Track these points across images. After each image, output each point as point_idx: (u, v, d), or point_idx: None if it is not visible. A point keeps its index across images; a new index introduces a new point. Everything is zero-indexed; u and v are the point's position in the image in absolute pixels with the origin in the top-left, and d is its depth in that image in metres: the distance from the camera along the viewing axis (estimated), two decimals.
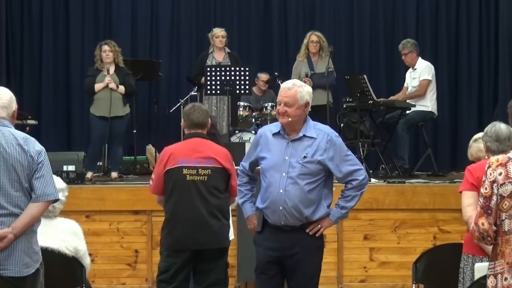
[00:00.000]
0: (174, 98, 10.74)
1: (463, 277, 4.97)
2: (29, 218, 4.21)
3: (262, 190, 4.90)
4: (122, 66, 9.24)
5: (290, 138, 4.87)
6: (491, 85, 11.15)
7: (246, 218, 5.06)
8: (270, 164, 4.86)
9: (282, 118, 4.86)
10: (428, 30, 11.33)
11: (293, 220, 4.83)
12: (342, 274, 7.96)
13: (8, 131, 4.26)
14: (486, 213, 3.65)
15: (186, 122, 5.62)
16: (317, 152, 4.84)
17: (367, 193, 7.92)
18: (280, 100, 4.88)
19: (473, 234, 3.72)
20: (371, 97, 9.19)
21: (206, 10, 11.53)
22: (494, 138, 4.92)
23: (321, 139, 4.88)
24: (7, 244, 4.15)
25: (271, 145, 4.90)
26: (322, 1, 11.52)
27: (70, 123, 11.25)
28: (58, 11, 11.35)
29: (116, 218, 7.93)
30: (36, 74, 11.30)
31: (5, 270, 4.18)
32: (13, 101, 4.38)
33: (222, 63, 9.69)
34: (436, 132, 11.11)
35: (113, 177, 9.14)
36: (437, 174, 9.42)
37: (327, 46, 9.73)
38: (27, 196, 4.24)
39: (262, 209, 4.90)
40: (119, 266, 7.95)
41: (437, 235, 7.91)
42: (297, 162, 4.81)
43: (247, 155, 5.14)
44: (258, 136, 5.04)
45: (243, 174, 5.11)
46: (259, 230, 4.94)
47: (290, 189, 4.78)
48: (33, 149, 4.24)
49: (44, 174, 4.25)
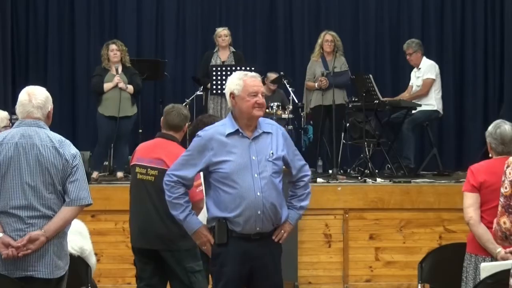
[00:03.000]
0: (180, 98, 10.72)
1: (466, 276, 4.99)
2: (62, 222, 4.23)
3: (228, 197, 4.36)
4: (129, 66, 9.26)
5: (250, 136, 4.45)
6: (497, 85, 11.13)
7: (194, 232, 4.46)
8: (236, 167, 4.35)
9: (259, 111, 4.45)
10: (433, 29, 11.31)
11: (268, 225, 4.42)
12: (347, 274, 7.95)
13: (44, 133, 4.26)
14: (507, 212, 3.63)
15: (162, 121, 5.62)
16: (279, 147, 4.48)
17: (373, 192, 8.02)
18: (256, 90, 4.46)
19: (496, 234, 3.69)
20: (377, 97, 9.19)
21: (211, 10, 11.53)
22: (499, 141, 4.94)
23: (276, 133, 4.52)
24: (39, 246, 4.17)
25: (230, 146, 4.39)
26: (328, 1, 11.51)
27: (76, 123, 11.26)
28: (64, 11, 11.37)
29: (121, 218, 7.91)
30: (41, 74, 11.31)
31: (36, 271, 4.20)
32: (48, 101, 4.36)
33: (226, 62, 9.69)
34: (441, 131, 11.10)
35: (119, 176, 9.15)
36: (443, 174, 9.40)
37: (341, 45, 9.70)
38: (60, 199, 4.25)
39: (228, 218, 4.37)
40: (125, 265, 7.93)
41: (442, 235, 7.91)
42: (267, 160, 4.41)
43: (186, 164, 4.44)
44: (203, 139, 4.43)
45: (179, 185, 4.43)
46: (224, 242, 4.39)
47: (267, 190, 4.37)
48: (68, 153, 4.25)
49: (78, 178, 4.26)
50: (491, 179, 4.81)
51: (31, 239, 4.14)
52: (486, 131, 5.06)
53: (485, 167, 4.96)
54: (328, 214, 7.96)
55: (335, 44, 9.62)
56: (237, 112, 4.49)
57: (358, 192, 8.03)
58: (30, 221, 4.17)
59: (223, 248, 4.42)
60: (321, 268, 7.98)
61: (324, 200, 7.96)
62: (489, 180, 4.84)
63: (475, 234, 4.90)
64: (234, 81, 4.51)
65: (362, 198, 8.00)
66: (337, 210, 7.97)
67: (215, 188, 4.43)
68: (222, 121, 4.63)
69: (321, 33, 9.84)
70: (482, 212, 4.90)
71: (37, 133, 4.23)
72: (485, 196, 4.87)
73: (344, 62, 9.64)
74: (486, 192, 4.85)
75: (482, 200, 4.89)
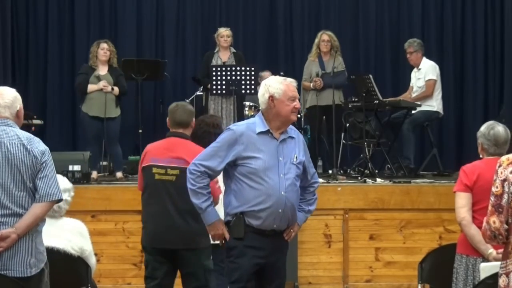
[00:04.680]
0: (180, 98, 10.65)
1: (456, 277, 4.98)
2: (33, 218, 4.20)
3: (253, 192, 4.55)
4: (115, 67, 9.28)
5: (279, 138, 4.65)
6: (497, 85, 11.15)
7: (212, 224, 4.61)
8: (265, 164, 4.56)
9: (295, 116, 4.69)
10: (433, 29, 11.33)
11: (284, 224, 4.64)
12: (347, 274, 7.95)
13: (12, 131, 4.25)
14: (497, 211, 3.65)
15: (169, 121, 5.59)
16: (300, 152, 4.71)
17: (373, 193, 8.02)
18: (295, 95, 4.66)
19: (485, 233, 3.71)
20: (377, 97, 9.19)
21: (211, 10, 11.54)
22: (493, 142, 4.96)
23: (298, 139, 4.76)
24: (10, 244, 4.15)
25: (260, 144, 4.59)
26: (328, 1, 11.52)
27: (76, 123, 11.25)
28: (64, 11, 11.38)
29: (121, 218, 7.94)
30: (41, 74, 11.33)
31: (9, 270, 4.17)
32: (16, 100, 4.36)
33: (226, 62, 9.69)
34: (441, 132, 11.11)
35: (118, 176, 9.16)
36: (443, 174, 9.40)
37: (338, 45, 9.69)
38: (31, 196, 4.23)
39: (248, 212, 4.56)
40: (125, 266, 7.95)
41: (442, 235, 7.91)
42: (291, 163, 4.63)
43: (214, 155, 4.57)
44: (235, 134, 4.58)
45: (204, 175, 4.56)
46: (241, 236, 4.58)
47: (290, 191, 4.60)
48: (36, 149, 4.23)
49: (47, 174, 4.24)
50: (483, 178, 4.82)
51: (2, 237, 4.12)
52: (478, 132, 5.07)
53: (477, 167, 4.98)
54: (328, 214, 7.96)
55: (332, 44, 9.60)
56: (272, 114, 4.65)
57: (358, 192, 8.03)
58: (1, 219, 4.15)
59: (239, 241, 4.59)
60: (321, 268, 7.98)
61: (324, 200, 7.94)
62: (481, 180, 4.85)
63: (467, 235, 4.90)
64: (274, 84, 4.67)
65: (362, 198, 8.00)
66: (337, 210, 7.97)
67: (239, 182, 4.59)
68: (252, 119, 4.77)
69: (318, 33, 9.84)
70: (474, 212, 4.90)
71: (4, 131, 4.23)
72: (477, 195, 4.88)
73: (341, 62, 9.61)
74: (478, 192, 4.86)
75: (474, 200, 4.90)
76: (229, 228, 4.62)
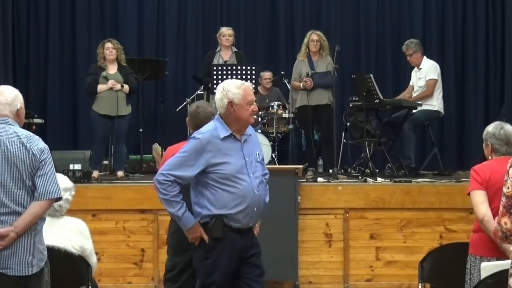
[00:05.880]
0: (181, 97, 10.76)
1: (470, 278, 4.89)
2: (31, 217, 4.20)
3: (229, 196, 4.64)
4: (124, 65, 9.24)
5: (241, 139, 4.77)
6: (498, 85, 11.14)
7: (190, 228, 4.68)
8: (235, 168, 4.66)
9: (252, 118, 4.81)
10: (434, 29, 11.32)
11: (257, 220, 4.84)
12: (348, 273, 7.96)
13: (11, 129, 4.25)
14: (508, 212, 3.60)
15: (191, 123, 5.60)
16: (260, 148, 4.90)
17: (373, 192, 8.02)
18: (253, 99, 4.79)
19: (496, 234, 3.66)
20: (378, 96, 9.19)
21: (213, 10, 11.55)
22: (504, 141, 4.91)
23: (254, 135, 4.92)
24: (9, 242, 4.15)
25: (226, 149, 4.68)
26: (329, 0, 11.52)
27: (76, 122, 11.28)
28: (65, 11, 11.39)
29: (122, 217, 7.95)
30: (42, 74, 11.34)
31: (8, 269, 4.17)
32: (17, 99, 4.36)
33: (228, 62, 9.69)
34: (442, 131, 11.11)
35: (119, 176, 9.15)
36: (443, 174, 9.40)
37: (327, 45, 9.65)
38: (30, 195, 4.23)
39: (227, 215, 4.64)
40: (125, 265, 7.96)
41: (443, 234, 7.91)
42: (256, 161, 4.79)
43: (183, 164, 4.62)
44: (202, 142, 4.64)
45: (175, 184, 4.61)
46: (220, 237, 4.65)
47: (260, 189, 4.75)
48: (35, 147, 4.23)
49: (46, 172, 4.24)
50: (495, 178, 4.77)
51: (1, 235, 4.12)
52: (486, 133, 5.01)
53: (489, 167, 4.92)
54: (328, 214, 7.97)
55: (321, 44, 9.58)
56: (232, 119, 4.74)
57: (359, 192, 8.04)
58: (0, 218, 4.15)
59: (218, 242, 4.67)
60: (321, 267, 7.98)
61: (325, 199, 7.96)
62: (493, 179, 4.80)
63: (490, 232, 4.74)
64: (233, 89, 4.75)
65: (362, 197, 8.00)
66: (337, 209, 7.98)
67: (213, 188, 4.67)
68: (211, 124, 4.81)
69: (307, 33, 9.81)
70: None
71: (4, 130, 4.23)
72: (489, 195, 4.82)
73: (331, 62, 9.55)
74: (491, 191, 4.81)
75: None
76: (207, 229, 4.68)
